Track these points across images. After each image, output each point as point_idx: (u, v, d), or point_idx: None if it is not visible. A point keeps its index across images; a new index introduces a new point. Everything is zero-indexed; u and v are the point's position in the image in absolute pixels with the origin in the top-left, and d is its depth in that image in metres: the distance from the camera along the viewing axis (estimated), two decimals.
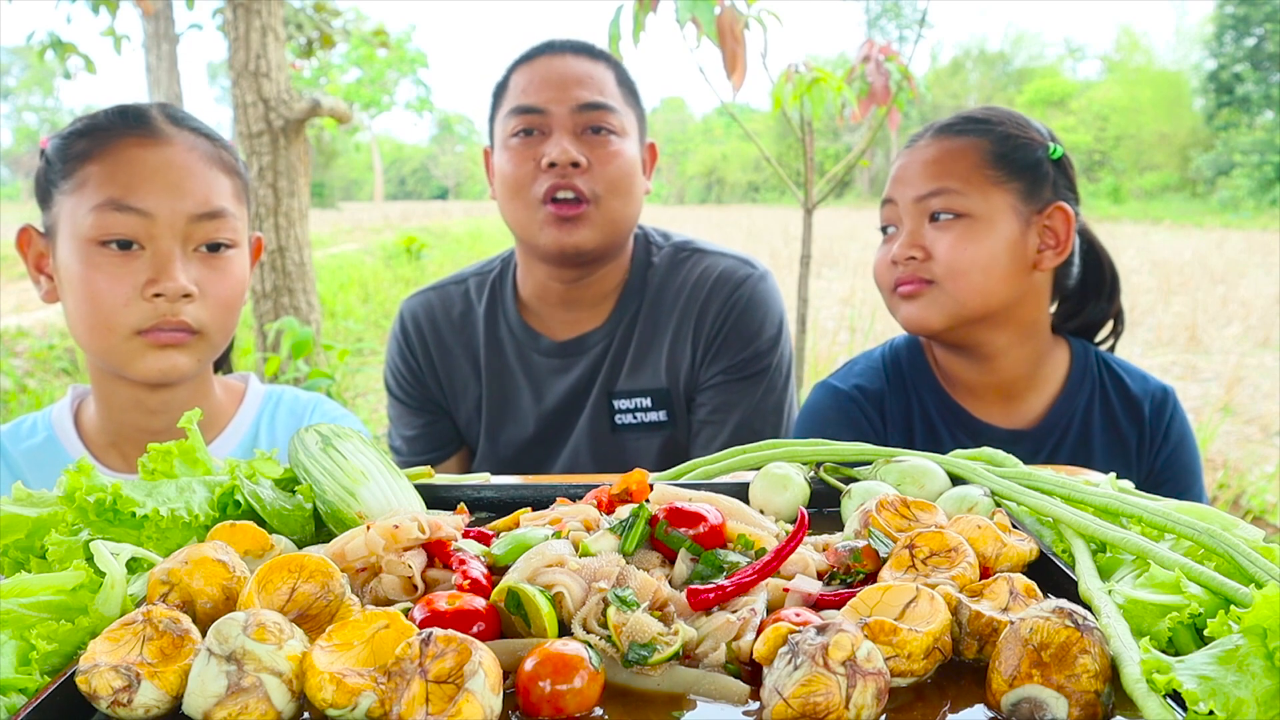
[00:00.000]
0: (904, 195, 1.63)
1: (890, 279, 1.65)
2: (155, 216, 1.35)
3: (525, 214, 1.81)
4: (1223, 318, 9.52)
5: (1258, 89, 36.69)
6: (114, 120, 1.41)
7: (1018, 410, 1.68)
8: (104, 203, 1.34)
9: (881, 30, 57.24)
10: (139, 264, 1.35)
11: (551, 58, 1.85)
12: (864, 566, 0.83)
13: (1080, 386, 1.68)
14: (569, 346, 1.94)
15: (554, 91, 1.79)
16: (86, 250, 1.35)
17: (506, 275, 2.02)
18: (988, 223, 1.58)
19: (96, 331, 1.38)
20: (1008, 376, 1.67)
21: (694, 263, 1.96)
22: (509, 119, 1.83)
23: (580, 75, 1.82)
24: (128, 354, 1.38)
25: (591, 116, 1.80)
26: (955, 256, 1.57)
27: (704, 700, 0.67)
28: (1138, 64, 58.60)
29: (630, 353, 1.92)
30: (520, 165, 1.80)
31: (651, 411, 1.90)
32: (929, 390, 1.70)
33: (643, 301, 1.94)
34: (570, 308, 1.94)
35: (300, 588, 0.73)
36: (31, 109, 74.28)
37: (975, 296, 1.58)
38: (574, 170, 1.76)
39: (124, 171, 1.35)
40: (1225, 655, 0.63)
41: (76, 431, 1.51)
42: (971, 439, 1.64)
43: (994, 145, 1.61)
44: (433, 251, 16.47)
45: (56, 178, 1.40)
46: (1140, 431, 1.68)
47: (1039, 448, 1.65)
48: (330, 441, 1.02)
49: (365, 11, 13.45)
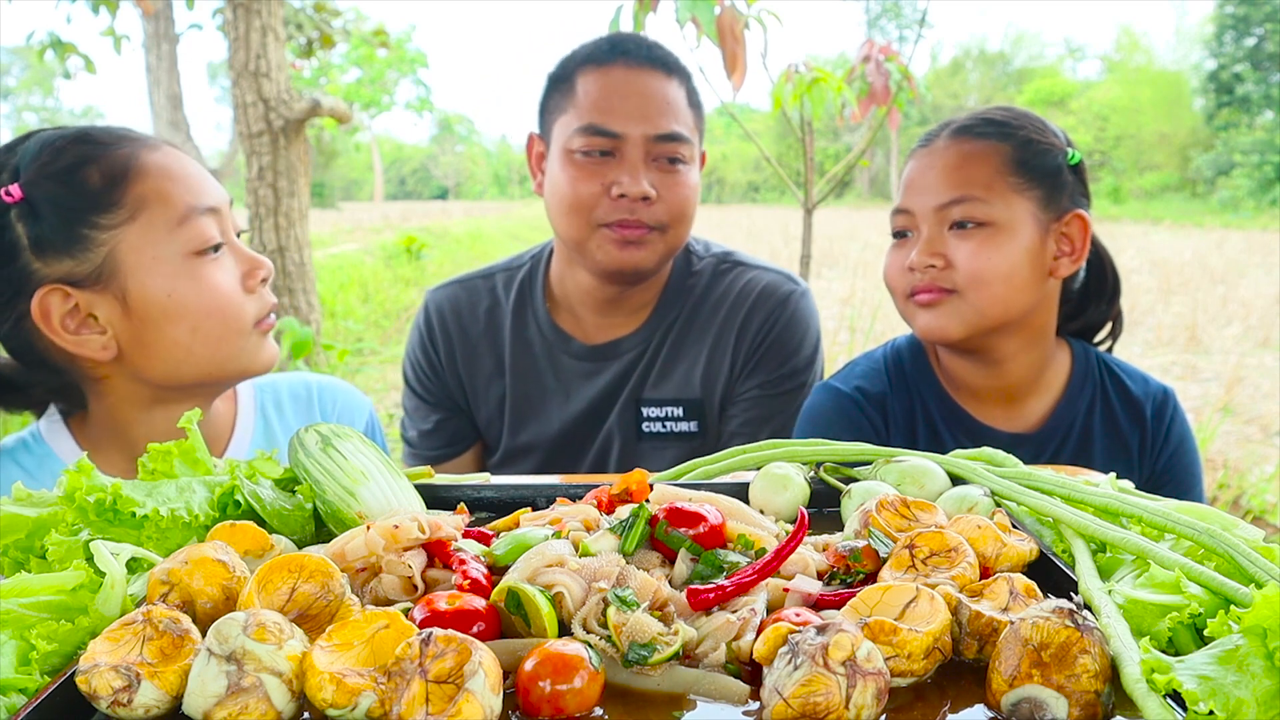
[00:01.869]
0: (922, 203, 1.59)
1: (905, 285, 1.62)
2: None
3: (583, 232, 1.79)
4: (1223, 318, 9.52)
5: (1258, 89, 36.68)
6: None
7: (1020, 414, 1.67)
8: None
9: (881, 30, 57.26)
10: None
11: (628, 71, 1.79)
12: (864, 566, 0.83)
13: (1082, 389, 1.67)
14: (601, 351, 1.93)
15: (632, 115, 1.75)
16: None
17: (537, 274, 2.00)
18: (1009, 231, 1.55)
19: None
20: (1013, 380, 1.66)
21: (736, 275, 1.95)
22: (578, 135, 1.76)
23: (659, 99, 1.77)
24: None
25: (667, 148, 1.76)
26: (978, 266, 1.54)
27: (704, 700, 0.67)
28: (1138, 64, 58.60)
29: (662, 361, 1.91)
30: (585, 185, 1.76)
31: (682, 421, 1.89)
32: (931, 393, 1.69)
33: (681, 310, 1.93)
34: (607, 313, 1.93)
35: (300, 588, 0.73)
36: (31, 109, 74.26)
37: (996, 306, 1.56)
38: (642, 204, 1.75)
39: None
40: (1225, 655, 0.63)
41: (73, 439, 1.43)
42: (973, 442, 1.63)
43: (1015, 150, 1.58)
44: (433, 251, 16.47)
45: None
46: (1141, 433, 1.67)
47: (1040, 451, 1.64)
48: (330, 441, 1.02)
49: (365, 11, 13.45)
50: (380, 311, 10.61)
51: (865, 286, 10.66)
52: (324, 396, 1.63)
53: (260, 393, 1.58)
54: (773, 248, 16.56)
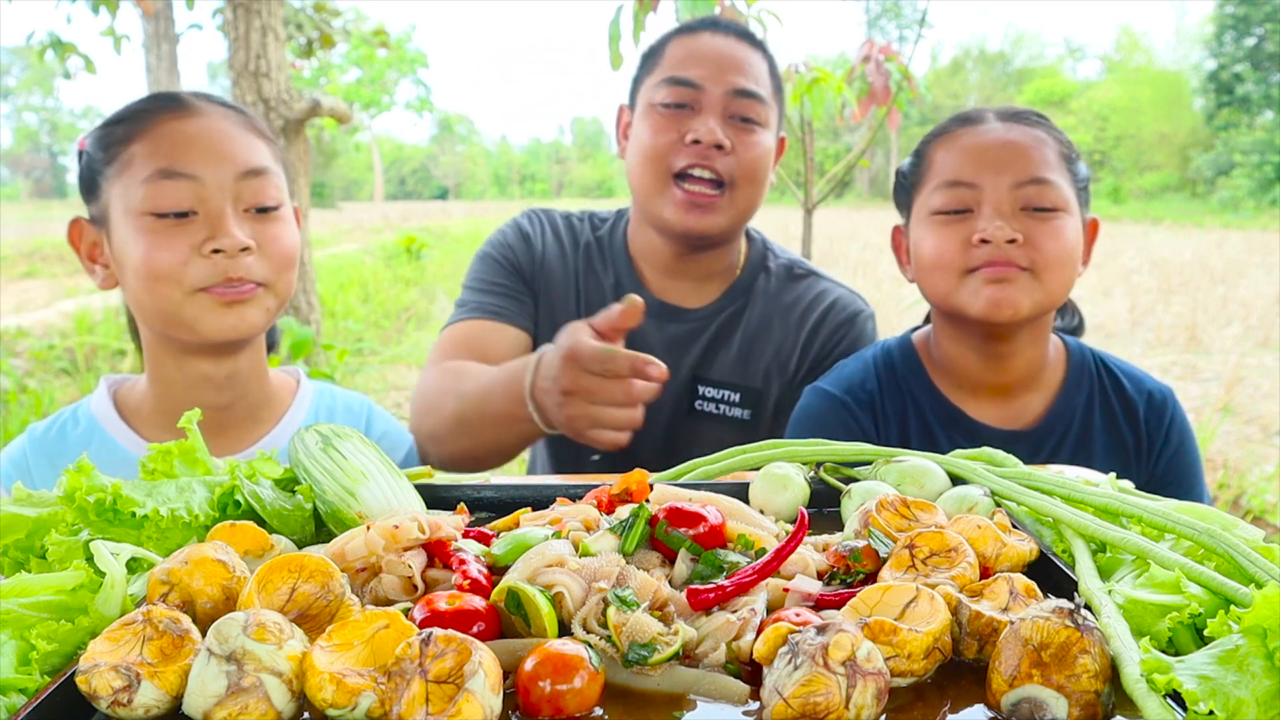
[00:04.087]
0: (994, 179, 1.54)
1: (964, 260, 1.56)
2: (203, 179, 1.38)
3: (656, 185, 1.81)
4: (1223, 318, 9.52)
5: (1258, 89, 36.69)
6: (147, 104, 1.45)
7: (1016, 411, 1.67)
8: (153, 174, 1.37)
9: (881, 30, 57.27)
10: (195, 228, 1.38)
11: (715, 35, 1.85)
12: (864, 566, 0.83)
13: (1079, 386, 1.67)
14: (669, 310, 1.93)
15: (711, 69, 1.79)
16: (142, 222, 1.38)
17: (619, 225, 2.03)
18: (1074, 220, 1.56)
19: (160, 295, 1.39)
20: (1013, 376, 1.65)
21: (809, 284, 1.98)
22: (660, 87, 1.81)
23: (739, 60, 1.82)
24: (195, 313, 1.39)
25: (743, 105, 1.79)
26: (1058, 248, 1.52)
27: (704, 700, 0.67)
28: (1138, 64, 58.62)
29: (732, 346, 1.92)
30: (663, 135, 1.79)
31: (736, 408, 1.89)
32: (924, 391, 1.69)
33: (748, 301, 1.95)
34: (675, 276, 1.95)
35: (300, 588, 0.73)
36: (31, 109, 74.28)
37: (1061, 291, 1.56)
38: (716, 152, 1.77)
39: (166, 143, 1.39)
40: (1225, 655, 0.63)
41: (120, 418, 1.51)
42: (968, 440, 1.62)
43: (1062, 149, 1.59)
44: (433, 251, 16.48)
45: (100, 166, 1.43)
46: (1139, 434, 1.67)
47: (1038, 449, 1.64)
48: (330, 441, 1.02)
49: (365, 11, 13.46)
50: (380, 312, 10.61)
51: (865, 286, 10.64)
52: (373, 420, 1.68)
53: (319, 395, 1.64)
54: None
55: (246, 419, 1.54)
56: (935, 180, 1.61)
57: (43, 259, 14.81)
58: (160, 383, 1.50)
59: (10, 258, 14.58)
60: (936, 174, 1.61)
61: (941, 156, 1.62)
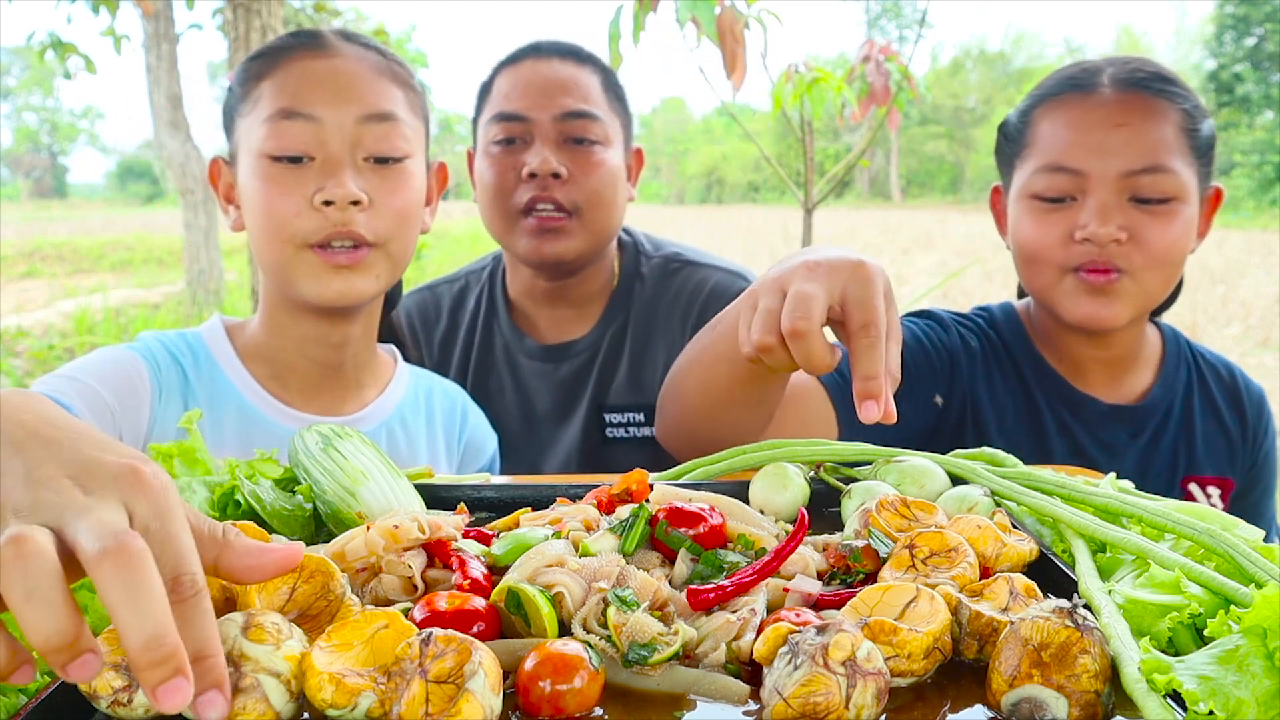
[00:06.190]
0: (1102, 165, 1.39)
1: (1065, 259, 1.43)
2: (323, 120, 1.33)
3: (506, 224, 1.80)
4: (1223, 318, 9.52)
5: (1258, 89, 36.68)
6: (287, 40, 1.41)
7: (1120, 386, 1.57)
8: (274, 113, 1.33)
9: (881, 30, 57.26)
10: (310, 175, 1.33)
11: (536, 61, 1.81)
12: (864, 566, 0.83)
13: (1177, 369, 1.60)
14: (554, 351, 1.92)
15: (537, 98, 1.76)
16: (260, 165, 1.34)
17: (498, 274, 2.00)
18: (1189, 208, 1.41)
19: (272, 245, 1.34)
20: (1118, 352, 1.56)
21: (686, 275, 1.92)
22: (491, 125, 1.80)
23: (565, 81, 1.78)
24: (300, 273, 1.34)
25: (574, 126, 1.76)
26: (1166, 247, 1.39)
27: (704, 700, 0.67)
28: None
29: (621, 367, 1.90)
30: (501, 174, 1.78)
31: (644, 427, 1.87)
32: (1026, 358, 1.58)
33: (630, 312, 1.91)
34: (555, 306, 1.92)
35: (300, 588, 0.73)
36: (31, 109, 74.26)
37: (1163, 290, 1.44)
38: (554, 181, 1.74)
39: (293, 81, 1.35)
40: (1225, 655, 0.63)
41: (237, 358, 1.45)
42: (1070, 410, 1.53)
43: (1185, 118, 1.42)
44: (433, 251, 16.43)
45: (236, 103, 1.41)
46: (1245, 422, 1.61)
47: (1141, 427, 1.54)
48: (330, 441, 1.02)
49: (365, 11, 13.44)
50: None
51: None
52: (468, 414, 1.65)
53: (415, 374, 1.62)
54: (772, 248, 16.56)
55: (353, 384, 1.51)
56: (1037, 158, 1.47)
57: (43, 259, 14.82)
58: (273, 333, 1.46)
59: (10, 258, 14.58)
60: (1040, 150, 1.47)
61: (1047, 129, 1.48)
